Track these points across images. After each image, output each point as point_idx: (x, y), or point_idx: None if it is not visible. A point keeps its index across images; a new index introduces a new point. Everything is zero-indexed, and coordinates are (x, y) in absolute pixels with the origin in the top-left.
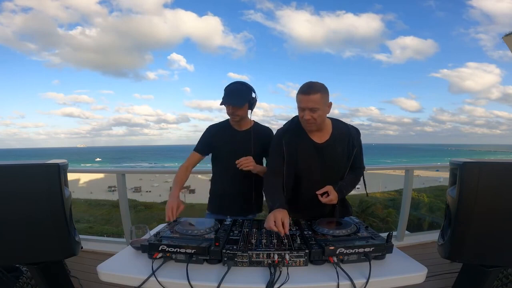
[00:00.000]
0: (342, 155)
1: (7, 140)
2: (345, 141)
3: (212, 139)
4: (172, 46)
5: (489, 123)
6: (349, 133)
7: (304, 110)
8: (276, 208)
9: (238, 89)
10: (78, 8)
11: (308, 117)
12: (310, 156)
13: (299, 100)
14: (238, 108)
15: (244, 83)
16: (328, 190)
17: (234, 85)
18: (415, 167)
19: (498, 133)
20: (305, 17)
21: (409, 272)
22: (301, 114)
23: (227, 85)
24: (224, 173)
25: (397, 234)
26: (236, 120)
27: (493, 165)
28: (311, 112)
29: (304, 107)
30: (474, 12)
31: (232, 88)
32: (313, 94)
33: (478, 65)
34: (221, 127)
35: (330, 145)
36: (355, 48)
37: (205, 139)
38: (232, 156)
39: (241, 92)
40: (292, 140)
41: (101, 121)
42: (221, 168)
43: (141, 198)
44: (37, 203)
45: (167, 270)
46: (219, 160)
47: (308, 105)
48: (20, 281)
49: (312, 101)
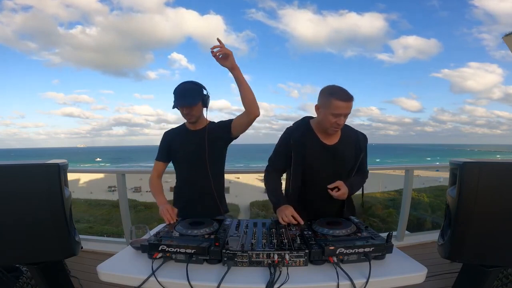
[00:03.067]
0: (350, 157)
1: (7, 140)
2: (352, 145)
3: (169, 144)
4: (173, 45)
5: (489, 123)
6: (357, 138)
7: (340, 116)
8: (282, 205)
9: (189, 88)
10: (79, 6)
11: (342, 122)
12: (318, 156)
13: (337, 106)
14: (193, 108)
15: (194, 82)
16: (338, 185)
17: (184, 85)
18: (415, 167)
19: (498, 133)
20: (307, 16)
21: (409, 272)
22: (334, 120)
23: (176, 87)
24: (184, 176)
25: (397, 234)
26: (192, 121)
27: (493, 165)
28: (345, 118)
29: (342, 113)
30: (477, 12)
31: (183, 89)
32: (352, 101)
33: (480, 65)
34: (177, 130)
35: (339, 147)
36: (357, 48)
37: (162, 145)
38: (188, 157)
39: (193, 91)
40: (301, 140)
41: (101, 121)
42: (181, 171)
43: (141, 198)
44: (37, 203)
45: (167, 270)
46: (178, 164)
47: (346, 112)
48: (20, 281)
49: (350, 107)
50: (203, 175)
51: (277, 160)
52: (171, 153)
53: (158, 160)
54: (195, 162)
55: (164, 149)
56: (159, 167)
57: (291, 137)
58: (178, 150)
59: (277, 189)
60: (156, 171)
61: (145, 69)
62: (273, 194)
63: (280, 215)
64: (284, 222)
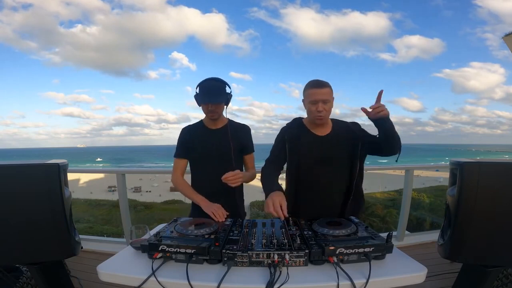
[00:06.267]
0: (346, 146)
1: (7, 140)
2: (345, 135)
3: (188, 141)
4: (175, 44)
5: (490, 123)
6: (349, 128)
7: (317, 102)
8: (272, 192)
9: (216, 86)
10: (80, 4)
11: (321, 108)
12: (312, 148)
13: (311, 93)
14: (218, 105)
15: (219, 79)
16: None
17: (211, 82)
18: (415, 167)
19: (498, 133)
20: (310, 15)
21: (409, 272)
22: (313, 108)
23: (201, 82)
24: (203, 175)
25: (397, 234)
26: (214, 118)
27: (493, 165)
28: (324, 104)
29: (317, 100)
30: (481, 12)
31: (210, 85)
32: (325, 88)
33: (482, 65)
34: (195, 128)
35: (332, 137)
36: (360, 47)
37: (182, 142)
38: (209, 157)
39: (220, 88)
40: (295, 135)
41: (101, 121)
42: (200, 170)
43: (141, 198)
44: (37, 203)
45: (167, 270)
46: (197, 162)
47: (322, 97)
48: (20, 281)
49: (324, 93)
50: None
51: (274, 156)
52: (189, 150)
53: (180, 158)
54: (218, 159)
55: (183, 145)
56: (182, 165)
57: (285, 133)
58: (197, 148)
59: (271, 179)
60: (180, 169)
61: (146, 69)
62: (266, 183)
63: (268, 200)
64: (269, 211)
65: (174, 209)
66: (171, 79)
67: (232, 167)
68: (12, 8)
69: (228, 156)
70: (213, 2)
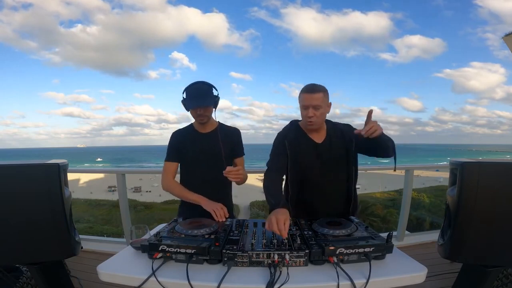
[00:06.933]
0: (342, 152)
1: (7, 140)
2: (340, 139)
3: (179, 144)
4: (175, 44)
5: (490, 123)
6: (342, 132)
7: (308, 108)
8: (278, 208)
9: (203, 89)
10: (80, 3)
11: (311, 114)
12: (311, 155)
13: (303, 98)
14: (207, 109)
15: (205, 82)
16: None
17: (198, 86)
18: (415, 167)
19: (499, 133)
20: (311, 15)
21: (409, 272)
22: (304, 113)
23: (187, 87)
24: (193, 179)
25: (397, 234)
26: (204, 122)
27: (493, 165)
28: (314, 110)
29: (308, 105)
30: (482, 12)
31: (197, 89)
32: (317, 93)
33: (483, 65)
34: (186, 131)
35: (328, 143)
36: (360, 47)
37: (173, 145)
38: (199, 160)
39: (207, 91)
40: (294, 140)
41: (101, 121)
42: (190, 174)
43: (141, 198)
44: (37, 203)
45: (167, 270)
46: (187, 166)
47: (312, 103)
48: (20, 281)
49: (316, 99)
50: (214, 177)
51: (275, 161)
52: (180, 154)
53: (171, 161)
54: (208, 163)
55: (174, 149)
56: (173, 168)
57: (285, 138)
58: (188, 151)
59: (276, 189)
60: (170, 173)
61: (146, 69)
62: (270, 194)
63: (272, 217)
64: (272, 229)
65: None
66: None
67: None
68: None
69: (219, 160)
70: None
